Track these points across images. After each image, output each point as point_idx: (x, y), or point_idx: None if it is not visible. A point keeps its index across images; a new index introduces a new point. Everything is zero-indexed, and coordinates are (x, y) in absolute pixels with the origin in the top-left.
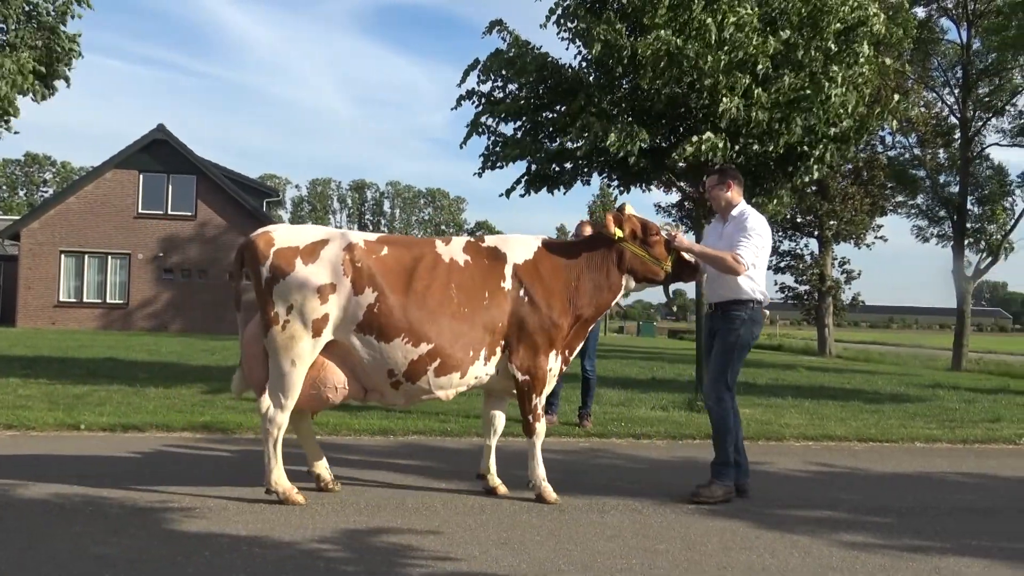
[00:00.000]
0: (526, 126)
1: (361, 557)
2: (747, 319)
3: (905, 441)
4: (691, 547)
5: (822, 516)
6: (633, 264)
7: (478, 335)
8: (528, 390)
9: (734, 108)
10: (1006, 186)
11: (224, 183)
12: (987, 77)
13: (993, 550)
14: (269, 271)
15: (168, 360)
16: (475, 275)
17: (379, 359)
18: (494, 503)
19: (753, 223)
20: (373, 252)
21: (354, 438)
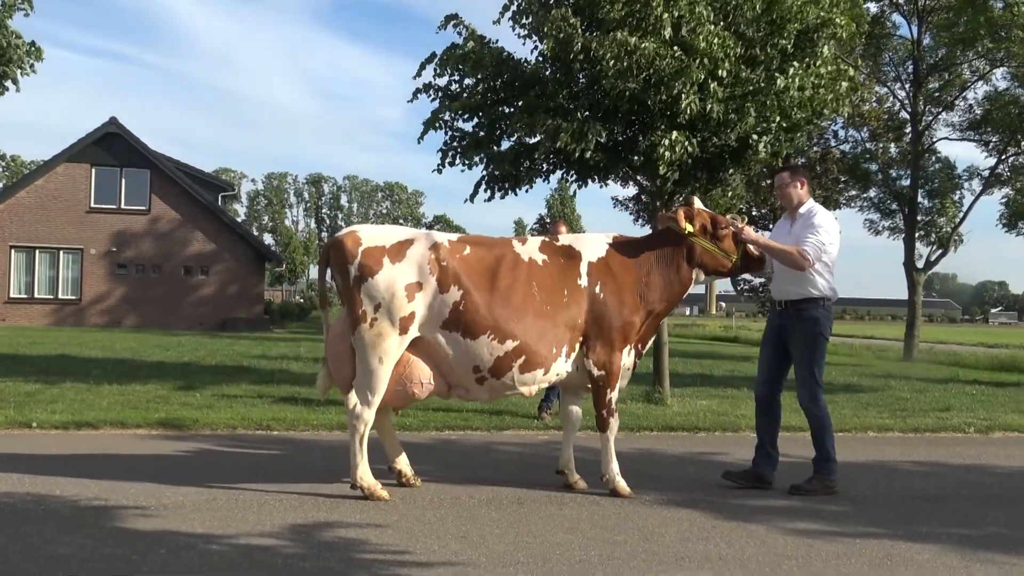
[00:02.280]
0: (484, 122)
1: (319, 553)
2: (821, 316)
3: (858, 431)
4: (649, 538)
5: (778, 505)
6: (703, 258)
7: (560, 332)
8: (603, 385)
9: (693, 104)
10: (955, 179)
11: (178, 177)
12: (937, 72)
13: (943, 536)
14: (357, 270)
15: (122, 356)
16: (554, 273)
17: (465, 355)
18: (452, 498)
19: (821, 220)
20: (457, 252)
21: (313, 433)
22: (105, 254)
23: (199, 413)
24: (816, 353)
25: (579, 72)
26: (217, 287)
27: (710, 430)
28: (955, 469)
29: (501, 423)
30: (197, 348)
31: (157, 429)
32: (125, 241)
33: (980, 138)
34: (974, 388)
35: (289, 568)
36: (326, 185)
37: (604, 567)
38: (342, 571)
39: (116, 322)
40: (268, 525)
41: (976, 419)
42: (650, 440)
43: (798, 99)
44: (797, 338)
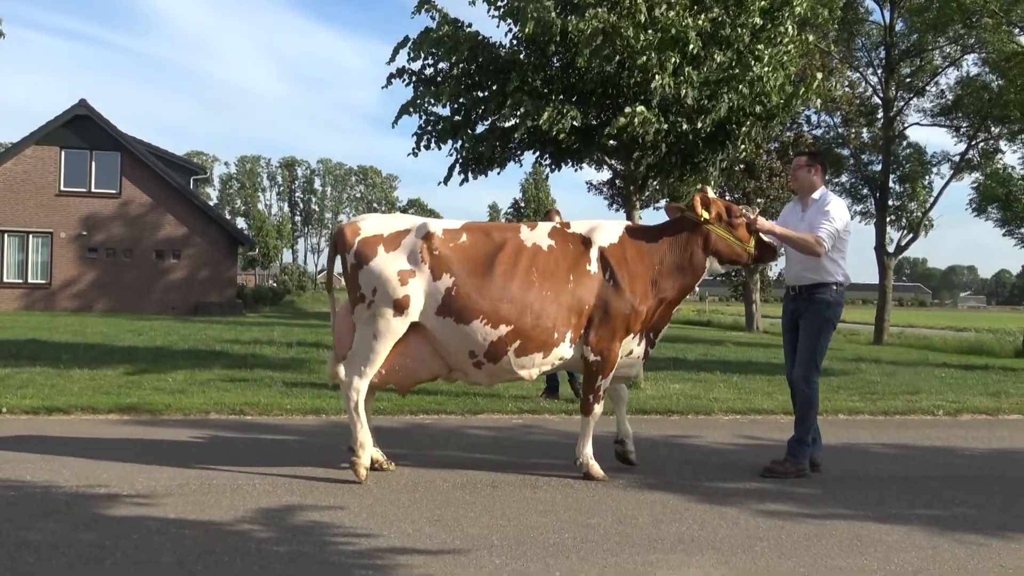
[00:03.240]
0: (461, 106)
1: (293, 537)
2: (832, 301)
3: (829, 413)
4: (622, 521)
5: (749, 488)
6: (718, 246)
7: (562, 317)
8: (596, 371)
9: (665, 86)
10: (925, 165)
11: (149, 160)
12: (909, 58)
13: (912, 517)
14: (354, 257)
15: (93, 341)
16: (559, 259)
17: (460, 340)
18: (426, 481)
19: (833, 207)
20: (451, 240)
21: (286, 418)
22: (75, 238)
23: (171, 398)
24: (821, 336)
25: (554, 55)
26: (189, 271)
27: (683, 413)
28: (924, 451)
29: (475, 407)
30: (169, 333)
31: (129, 414)
32: (95, 225)
33: (951, 124)
34: (943, 371)
35: (263, 553)
36: (299, 169)
37: (578, 550)
38: (316, 555)
39: (87, 306)
40: (241, 510)
41: (945, 402)
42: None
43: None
44: (807, 320)
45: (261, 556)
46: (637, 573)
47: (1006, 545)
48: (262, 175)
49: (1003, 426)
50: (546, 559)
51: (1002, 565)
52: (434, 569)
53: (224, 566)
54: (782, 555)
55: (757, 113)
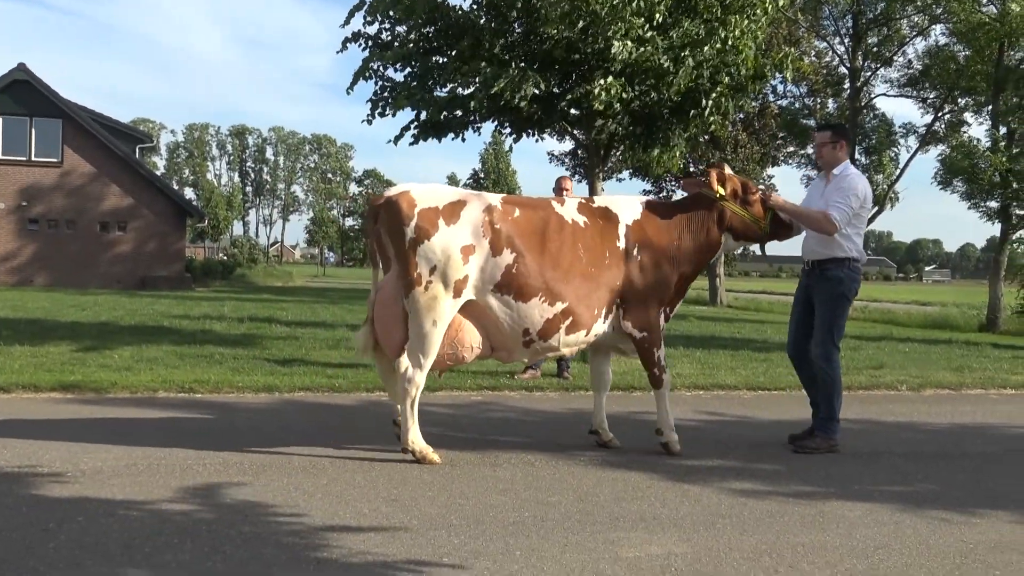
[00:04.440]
0: (416, 71)
1: (246, 518)
2: (846, 277)
3: (793, 389)
4: (583, 499)
5: (712, 464)
6: (733, 223)
7: (602, 294)
8: (648, 345)
9: (626, 52)
10: (892, 137)
11: (93, 127)
12: (876, 27)
13: (875, 493)
14: (414, 231)
15: (35, 316)
16: (595, 235)
17: (516, 318)
18: (383, 460)
19: (851, 184)
20: (508, 214)
21: (237, 395)
22: (15, 209)
23: (117, 375)
24: (837, 313)
25: (514, 21)
26: (135, 244)
27: (645, 389)
28: (887, 426)
29: (432, 383)
30: (115, 308)
31: (72, 392)
32: (36, 195)
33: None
34: (907, 346)
35: (213, 534)
36: (250, 137)
37: (538, 528)
38: (268, 536)
39: (27, 280)
40: (191, 491)
41: (908, 377)
42: (586, 400)
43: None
44: (820, 296)
45: (212, 537)
46: (598, 551)
47: (967, 520)
48: (211, 144)
49: (966, 401)
50: (505, 538)
51: (963, 540)
52: (391, 549)
53: (173, 548)
54: (744, 532)
55: (727, 84)
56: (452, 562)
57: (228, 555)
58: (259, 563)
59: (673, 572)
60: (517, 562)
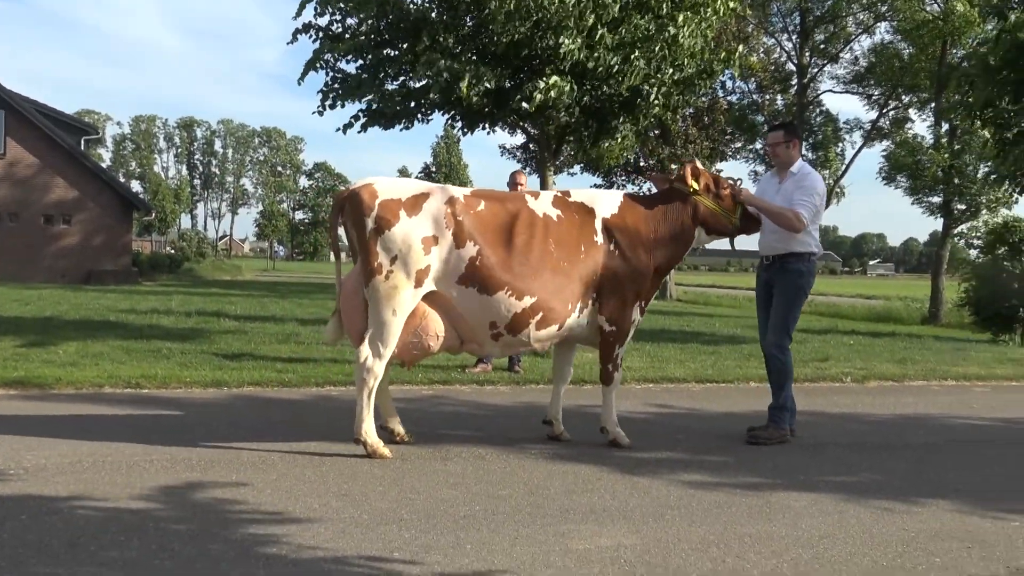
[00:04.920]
0: (367, 64)
1: (194, 515)
2: (806, 271)
3: (741, 381)
4: (534, 492)
5: (661, 457)
6: (706, 217)
7: (575, 288)
8: (613, 340)
9: (576, 49)
10: (838, 132)
11: (36, 118)
12: (823, 24)
13: (820, 483)
14: (374, 222)
15: None
16: (570, 229)
17: (482, 311)
18: (334, 455)
19: (812, 183)
20: (472, 207)
21: (185, 391)
22: None
23: (62, 371)
24: (794, 305)
25: (465, 15)
26: (80, 237)
27: (596, 383)
28: (832, 418)
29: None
30: (59, 302)
31: (15, 389)
32: None
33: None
34: (851, 338)
35: (161, 532)
36: (199, 129)
37: (489, 522)
38: (217, 533)
39: None
40: (138, 487)
41: (853, 369)
42: (536, 393)
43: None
44: (779, 289)
45: (160, 535)
46: (549, 544)
47: (909, 510)
48: (158, 136)
49: (908, 392)
50: (456, 532)
51: (905, 529)
52: (341, 544)
53: (120, 546)
54: (692, 523)
55: (675, 79)
56: (403, 556)
57: (176, 552)
58: (207, 559)
59: (622, 563)
60: (468, 556)
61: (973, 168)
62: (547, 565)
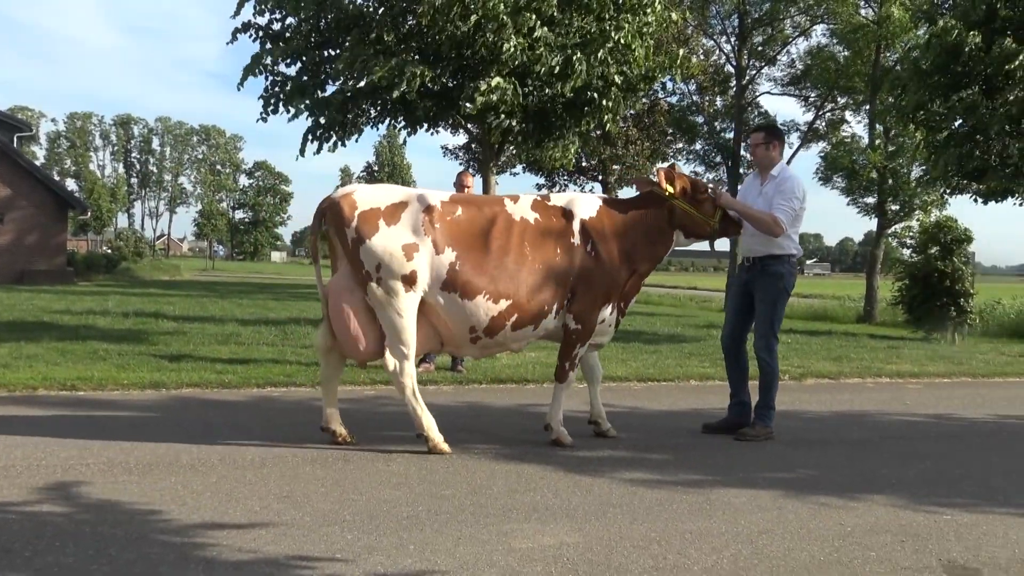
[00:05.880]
0: (308, 66)
1: (131, 519)
2: (786, 272)
3: (681, 379)
4: (477, 491)
5: (603, 455)
6: (683, 220)
7: (551, 290)
8: (575, 339)
9: (518, 51)
10: None
11: None
12: (761, 26)
13: (759, 480)
14: (355, 232)
15: None
16: (546, 232)
17: (462, 315)
18: (275, 457)
19: (792, 187)
20: (450, 213)
21: (122, 393)
22: None
23: None
24: (777, 307)
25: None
26: (13, 236)
27: (539, 382)
28: None
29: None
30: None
31: None
32: None
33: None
34: (789, 337)
35: (97, 536)
36: (136, 127)
37: (432, 522)
38: (155, 537)
39: None
40: (74, 492)
41: (790, 367)
42: (479, 393)
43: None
44: (761, 292)
45: (96, 539)
46: (492, 543)
47: (845, 504)
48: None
49: (844, 389)
50: (399, 533)
51: (841, 524)
52: (283, 547)
53: (55, 551)
54: (634, 520)
55: (619, 83)
56: (345, 557)
57: (113, 557)
58: (146, 563)
59: (565, 562)
60: (411, 556)
61: (906, 169)
62: (490, 564)
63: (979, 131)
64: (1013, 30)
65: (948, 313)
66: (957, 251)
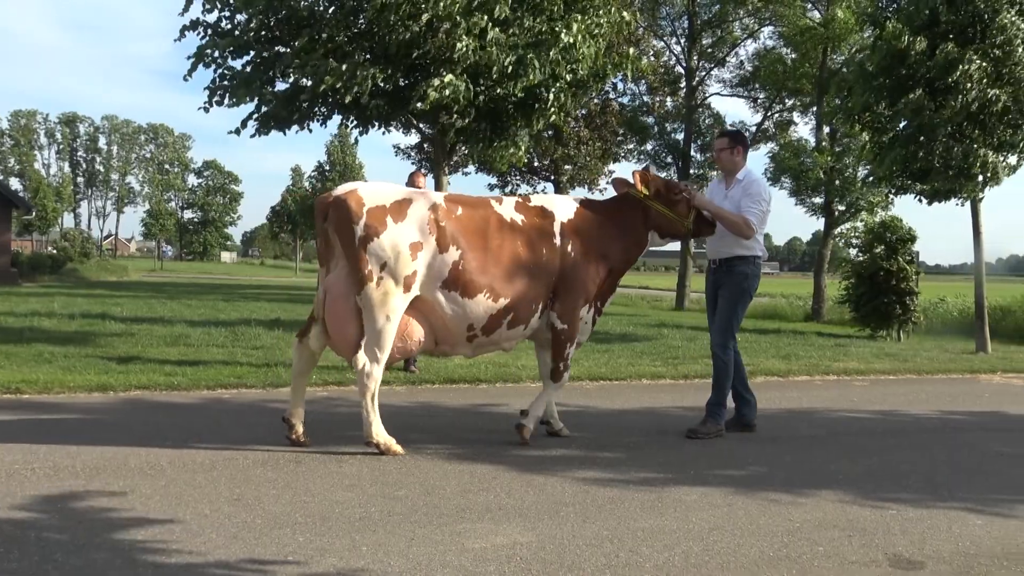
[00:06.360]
0: (255, 61)
1: (78, 524)
2: (751, 273)
3: (633, 378)
4: (430, 492)
5: (556, 455)
6: (658, 221)
7: (539, 289)
8: (564, 338)
9: (470, 51)
10: None
11: None
12: (711, 28)
13: (709, 477)
14: (363, 230)
15: None
16: (531, 232)
17: (462, 314)
18: (226, 459)
19: (759, 190)
20: (452, 212)
21: (68, 396)
22: None
23: None
24: (739, 306)
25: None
26: None
27: (491, 382)
28: None
29: (277, 379)
30: None
31: None
32: None
33: (749, 95)
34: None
35: (43, 542)
36: (81, 125)
37: (385, 523)
38: (103, 543)
39: None
40: (19, 497)
41: None
42: (432, 393)
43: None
44: (725, 290)
45: (42, 545)
46: (445, 543)
47: (794, 500)
48: (39, 132)
49: (793, 387)
50: (352, 534)
51: (790, 519)
52: (234, 550)
53: (0, 558)
54: (587, 519)
55: (568, 81)
56: (297, 560)
57: (59, 563)
58: (93, 569)
59: (518, 561)
60: (364, 558)
61: (853, 170)
62: (443, 565)
63: (923, 133)
64: (955, 34)
65: (893, 311)
66: (902, 250)
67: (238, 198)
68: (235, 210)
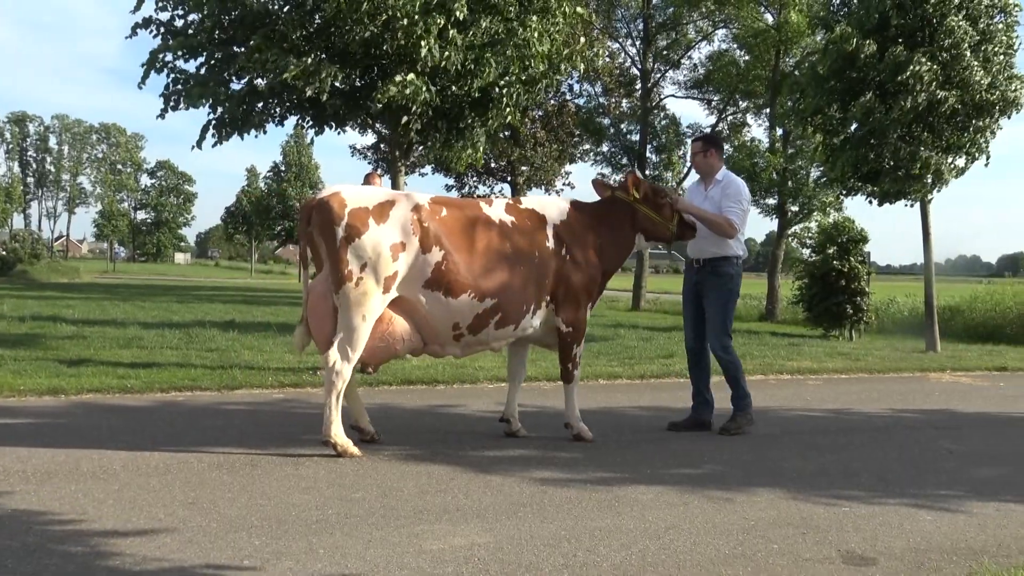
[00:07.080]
0: (209, 63)
1: (29, 530)
2: (735, 273)
3: (590, 379)
4: (387, 493)
5: (514, 455)
6: (645, 224)
7: (531, 290)
8: (571, 340)
9: (431, 50)
10: (680, 136)
11: None
12: (665, 30)
13: (665, 476)
14: (344, 231)
15: None
16: (523, 234)
17: (446, 313)
18: (180, 462)
19: (738, 190)
20: (436, 213)
21: (18, 399)
22: None
23: None
24: (728, 306)
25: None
26: None
27: (449, 383)
28: (677, 412)
29: (232, 381)
30: None
31: None
32: None
33: (703, 97)
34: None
35: None
36: (31, 125)
37: (342, 525)
38: (55, 548)
39: None
40: None
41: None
42: (389, 394)
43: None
44: (711, 292)
45: None
46: (402, 545)
47: (749, 499)
48: None
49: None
50: (309, 537)
51: (745, 517)
52: (188, 554)
53: None
54: (544, 519)
55: (523, 80)
56: (253, 564)
57: (11, 569)
58: (46, 575)
59: (476, 562)
60: (321, 560)
61: (806, 171)
62: (401, 567)
63: (874, 135)
64: (905, 38)
65: (845, 311)
66: (854, 251)
67: (192, 199)
68: (189, 211)
